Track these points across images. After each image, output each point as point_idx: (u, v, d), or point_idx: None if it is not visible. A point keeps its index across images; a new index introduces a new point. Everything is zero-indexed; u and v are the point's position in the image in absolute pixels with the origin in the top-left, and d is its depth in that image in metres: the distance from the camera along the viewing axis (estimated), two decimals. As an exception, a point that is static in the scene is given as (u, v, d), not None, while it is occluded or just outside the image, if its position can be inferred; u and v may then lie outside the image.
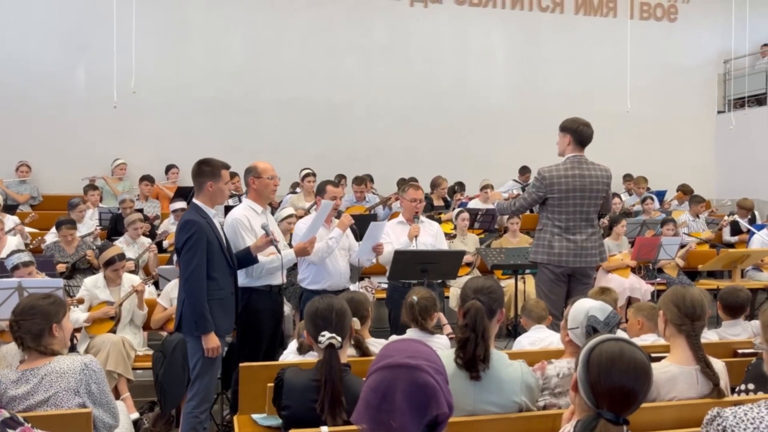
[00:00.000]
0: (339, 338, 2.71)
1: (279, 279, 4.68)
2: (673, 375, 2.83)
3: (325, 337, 2.70)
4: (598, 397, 1.88)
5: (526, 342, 4.09)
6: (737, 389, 3.14)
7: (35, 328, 2.89)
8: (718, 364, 2.98)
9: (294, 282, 6.27)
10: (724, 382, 2.92)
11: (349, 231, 5.34)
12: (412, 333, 3.67)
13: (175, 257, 4.56)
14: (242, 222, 4.48)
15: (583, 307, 2.90)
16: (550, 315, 4.63)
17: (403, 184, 8.62)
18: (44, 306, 2.93)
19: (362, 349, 3.48)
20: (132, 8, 9.41)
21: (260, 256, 4.40)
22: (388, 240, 5.37)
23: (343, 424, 2.59)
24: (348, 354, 3.47)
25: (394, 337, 3.63)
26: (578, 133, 4.95)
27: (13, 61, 10.09)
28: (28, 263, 5.23)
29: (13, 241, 6.68)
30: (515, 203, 5.31)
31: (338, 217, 5.28)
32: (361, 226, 5.37)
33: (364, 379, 2.75)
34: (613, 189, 10.34)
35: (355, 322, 3.46)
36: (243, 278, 4.46)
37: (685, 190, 10.57)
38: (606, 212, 5.73)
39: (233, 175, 8.08)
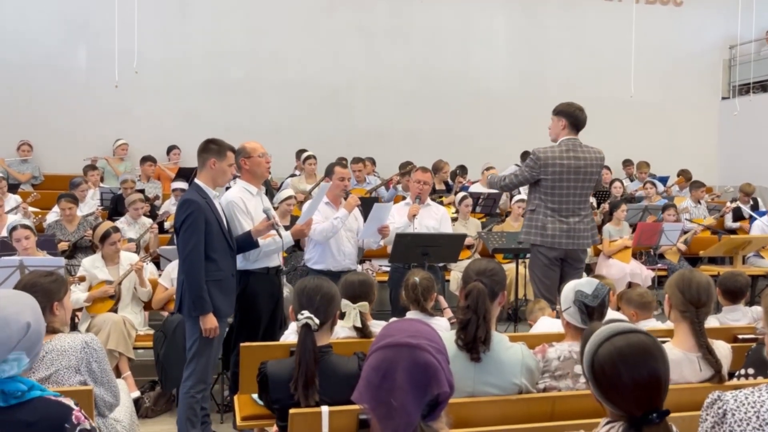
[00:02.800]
0: (317, 320, 2.70)
1: (276, 261, 4.69)
2: (677, 359, 2.83)
3: (303, 316, 2.70)
4: (621, 405, 1.73)
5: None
6: (737, 374, 3.14)
7: (36, 306, 2.89)
8: (724, 347, 2.99)
9: (297, 266, 6.27)
10: (727, 365, 2.93)
11: (359, 214, 5.35)
12: (412, 315, 3.68)
13: (175, 237, 4.58)
14: (238, 205, 4.44)
15: (571, 286, 2.94)
16: (544, 299, 4.65)
17: (407, 166, 8.63)
18: (46, 284, 2.93)
19: (365, 332, 3.49)
20: (134, -12, 9.35)
21: (259, 240, 4.39)
22: (392, 220, 5.38)
23: (316, 405, 2.59)
24: (347, 335, 3.49)
25: (394, 319, 3.62)
26: (574, 117, 4.94)
27: (15, 39, 10.01)
28: (26, 226, 5.24)
29: (14, 220, 6.68)
30: (505, 179, 5.23)
31: (346, 198, 5.29)
32: (363, 208, 5.39)
33: (354, 355, 2.78)
34: (614, 174, 10.40)
35: (365, 306, 3.47)
36: (240, 261, 4.45)
37: (685, 176, 10.54)
38: (596, 190, 5.74)
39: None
